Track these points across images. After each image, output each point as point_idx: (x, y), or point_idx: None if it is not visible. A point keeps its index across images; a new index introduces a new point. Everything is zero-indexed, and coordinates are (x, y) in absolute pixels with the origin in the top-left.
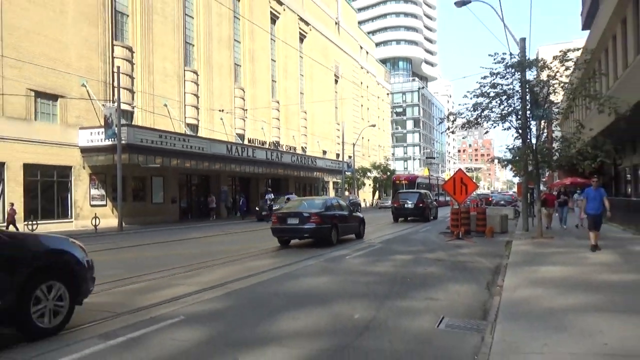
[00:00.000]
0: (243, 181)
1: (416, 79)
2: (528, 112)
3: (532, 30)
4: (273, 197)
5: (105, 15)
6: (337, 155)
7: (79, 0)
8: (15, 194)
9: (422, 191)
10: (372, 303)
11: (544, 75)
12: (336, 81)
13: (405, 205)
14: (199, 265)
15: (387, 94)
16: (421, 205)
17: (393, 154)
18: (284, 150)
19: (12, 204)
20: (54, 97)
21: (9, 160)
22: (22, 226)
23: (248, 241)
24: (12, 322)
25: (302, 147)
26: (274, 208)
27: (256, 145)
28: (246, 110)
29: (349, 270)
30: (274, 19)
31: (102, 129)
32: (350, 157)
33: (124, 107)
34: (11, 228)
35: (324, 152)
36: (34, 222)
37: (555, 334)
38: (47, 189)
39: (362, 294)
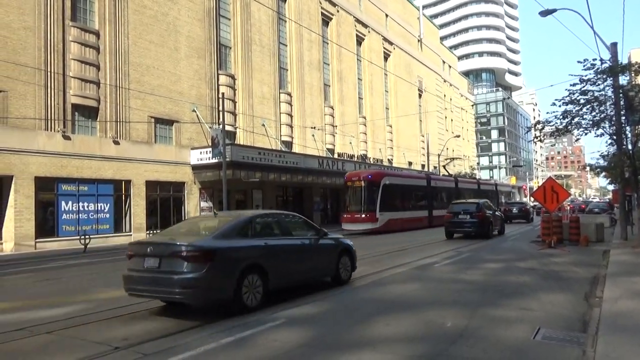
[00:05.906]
0: (333, 192)
1: (500, 89)
2: (623, 117)
3: (624, 33)
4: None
5: (211, 49)
6: (423, 165)
7: (190, 38)
8: (139, 207)
9: (482, 200)
10: (464, 311)
11: (639, 80)
12: (420, 95)
13: (460, 216)
14: None
15: (471, 105)
16: (480, 217)
17: (478, 164)
18: (372, 162)
19: None
20: (170, 122)
21: (134, 178)
22: (144, 235)
23: None
24: None
25: (388, 159)
26: None
27: (345, 159)
28: (335, 126)
29: (439, 278)
30: (359, 41)
31: (210, 149)
32: (435, 167)
33: (228, 128)
34: None
35: (410, 163)
36: (155, 232)
37: None
38: (164, 202)
39: (453, 302)
